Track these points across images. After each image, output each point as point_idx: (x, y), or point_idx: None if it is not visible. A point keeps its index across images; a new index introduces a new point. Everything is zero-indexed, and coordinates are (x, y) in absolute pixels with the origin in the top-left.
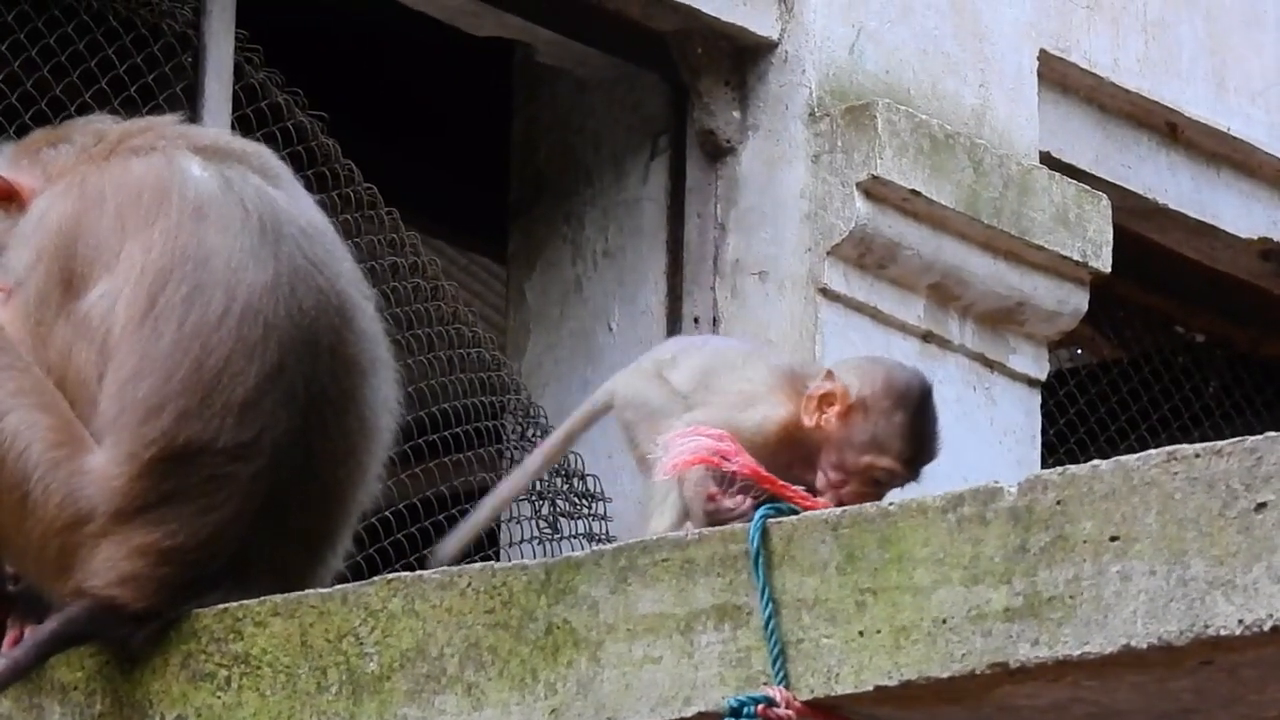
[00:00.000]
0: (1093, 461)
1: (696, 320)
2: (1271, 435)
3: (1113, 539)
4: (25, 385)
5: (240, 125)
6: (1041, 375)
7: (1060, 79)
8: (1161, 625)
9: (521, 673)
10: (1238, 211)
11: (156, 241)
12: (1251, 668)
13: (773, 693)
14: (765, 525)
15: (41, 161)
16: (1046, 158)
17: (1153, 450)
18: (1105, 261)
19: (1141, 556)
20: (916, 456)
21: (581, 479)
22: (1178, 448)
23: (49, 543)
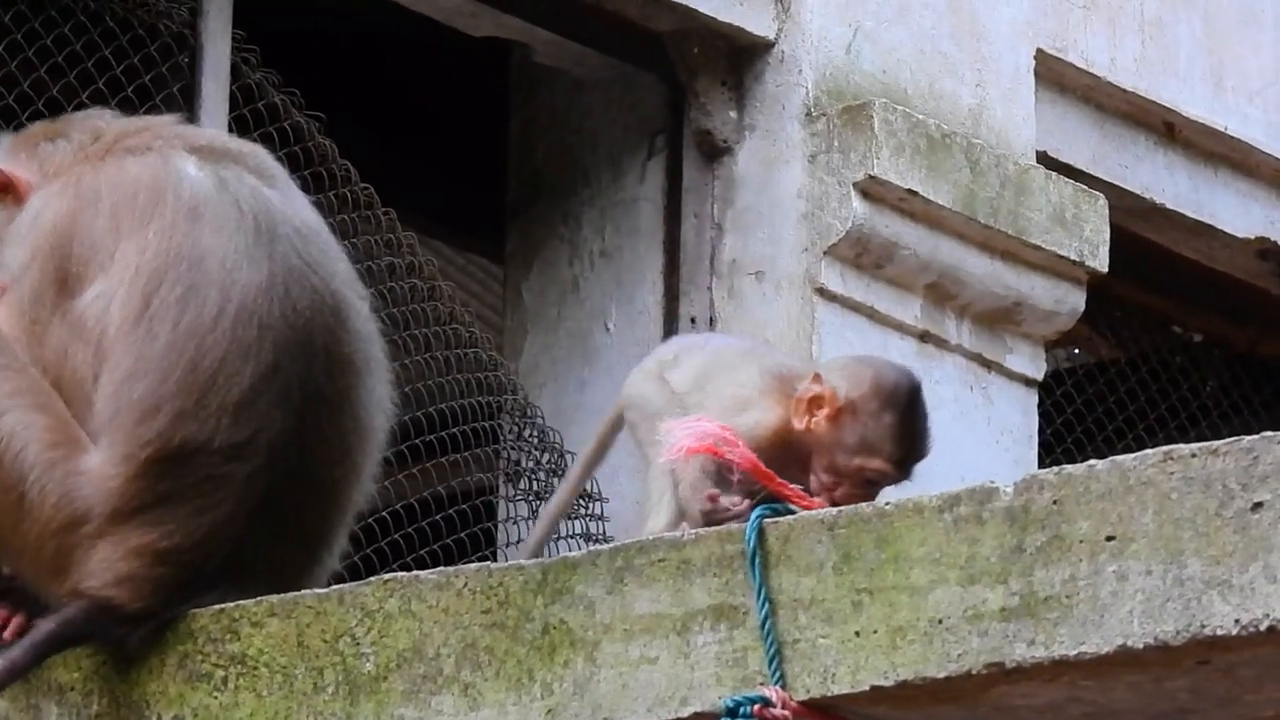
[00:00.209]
0: (1089, 461)
1: (693, 320)
2: (1268, 435)
3: (1109, 539)
4: (22, 385)
5: (237, 125)
6: (1039, 375)
7: (1057, 78)
8: (1158, 625)
9: (518, 673)
10: (1235, 211)
11: (151, 242)
12: (1248, 667)
13: (769, 693)
14: (762, 525)
15: (39, 156)
16: (1043, 157)
17: (1149, 450)
18: (1102, 261)
19: (1138, 556)
20: (907, 457)
21: None
22: (1174, 447)
23: (45, 543)
